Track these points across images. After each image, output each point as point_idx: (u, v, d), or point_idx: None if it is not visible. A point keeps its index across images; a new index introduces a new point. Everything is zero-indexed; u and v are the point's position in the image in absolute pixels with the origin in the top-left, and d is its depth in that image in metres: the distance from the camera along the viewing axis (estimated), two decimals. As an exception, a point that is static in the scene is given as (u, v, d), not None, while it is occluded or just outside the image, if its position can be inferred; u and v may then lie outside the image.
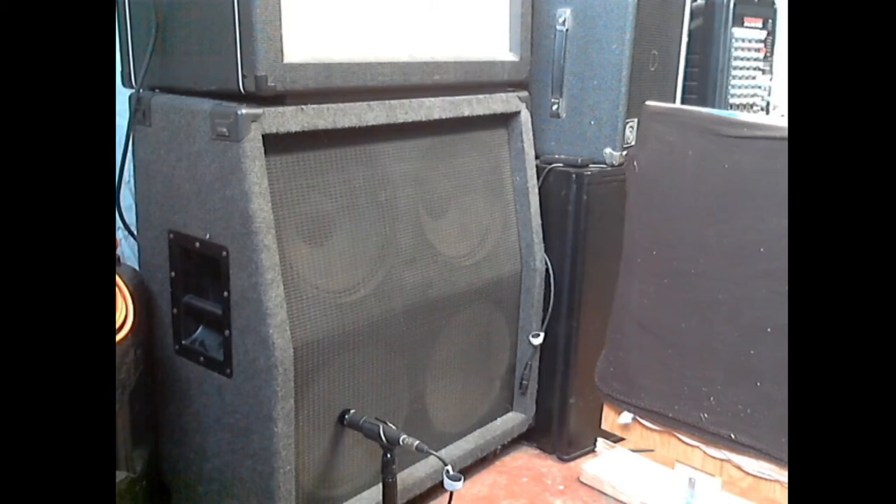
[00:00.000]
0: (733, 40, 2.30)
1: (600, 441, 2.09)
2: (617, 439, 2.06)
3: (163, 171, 1.58)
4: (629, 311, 1.81)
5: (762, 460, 1.63)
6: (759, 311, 1.58)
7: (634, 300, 1.79)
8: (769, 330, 1.57)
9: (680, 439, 1.78)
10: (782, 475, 1.62)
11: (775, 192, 1.52)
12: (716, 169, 1.61)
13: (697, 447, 1.75)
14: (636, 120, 1.99)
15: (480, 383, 2.01)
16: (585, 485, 2.03)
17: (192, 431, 1.65)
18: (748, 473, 1.66)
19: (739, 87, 2.40)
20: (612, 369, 1.87)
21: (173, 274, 1.61)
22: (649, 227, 1.75)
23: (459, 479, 1.51)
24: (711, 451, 1.73)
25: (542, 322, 2.06)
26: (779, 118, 1.90)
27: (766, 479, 1.65)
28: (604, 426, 1.95)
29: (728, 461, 1.70)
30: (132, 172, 1.68)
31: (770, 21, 2.46)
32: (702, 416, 1.69)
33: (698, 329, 1.68)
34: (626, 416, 1.87)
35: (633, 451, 2.04)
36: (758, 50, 2.44)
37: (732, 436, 1.66)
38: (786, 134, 1.50)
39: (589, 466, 2.05)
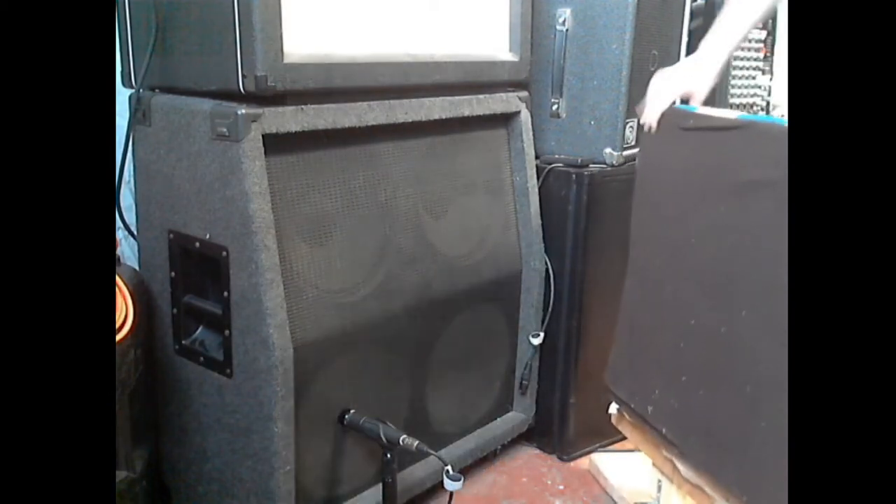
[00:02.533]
0: (733, 40, 2.30)
1: (600, 440, 2.09)
2: (617, 439, 2.06)
3: (163, 171, 1.58)
4: (622, 306, 1.81)
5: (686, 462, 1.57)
6: (688, 308, 1.53)
7: (625, 296, 1.80)
8: (693, 324, 1.53)
9: (648, 437, 1.74)
10: (700, 482, 1.51)
11: (708, 186, 1.46)
12: (674, 164, 1.59)
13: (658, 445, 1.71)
14: (636, 120, 1.99)
15: (480, 383, 2.01)
16: (585, 484, 2.03)
17: (192, 431, 1.65)
18: (683, 477, 1.61)
19: (739, 87, 2.40)
20: (612, 364, 1.87)
21: (173, 274, 1.61)
22: (636, 226, 1.75)
23: (459, 479, 1.51)
24: (663, 451, 1.67)
25: (542, 322, 2.06)
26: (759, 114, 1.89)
27: (691, 483, 1.54)
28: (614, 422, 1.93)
29: (671, 460, 1.65)
30: (132, 172, 1.68)
31: (770, 21, 2.46)
32: (648, 409, 1.66)
33: (651, 326, 1.66)
34: (613, 408, 1.85)
35: (633, 450, 2.04)
36: (758, 50, 2.45)
37: (664, 431, 1.60)
38: (721, 124, 1.44)
39: (589, 466, 2.05)
